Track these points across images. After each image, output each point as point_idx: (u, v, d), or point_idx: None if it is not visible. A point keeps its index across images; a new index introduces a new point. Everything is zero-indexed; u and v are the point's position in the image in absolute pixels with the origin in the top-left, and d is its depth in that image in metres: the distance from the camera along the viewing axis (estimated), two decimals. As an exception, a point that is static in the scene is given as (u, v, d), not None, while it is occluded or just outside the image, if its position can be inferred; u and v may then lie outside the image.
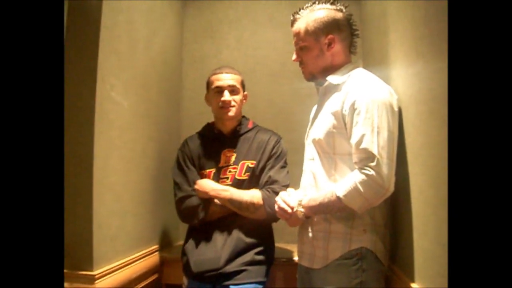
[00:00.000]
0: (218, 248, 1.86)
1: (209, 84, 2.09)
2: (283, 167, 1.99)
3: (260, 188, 1.94)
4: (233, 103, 2.02)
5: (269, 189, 1.91)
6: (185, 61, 2.81)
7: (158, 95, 2.30)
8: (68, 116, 1.59)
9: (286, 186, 1.90)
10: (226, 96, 2.01)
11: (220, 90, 2.03)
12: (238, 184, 1.97)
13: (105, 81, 1.66)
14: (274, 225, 2.06)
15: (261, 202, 1.88)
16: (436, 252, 1.17)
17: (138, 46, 2.01)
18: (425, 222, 1.28)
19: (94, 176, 1.59)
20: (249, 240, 1.90)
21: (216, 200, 1.93)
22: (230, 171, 1.99)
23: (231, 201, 1.91)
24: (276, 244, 2.06)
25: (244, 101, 2.13)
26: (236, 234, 1.90)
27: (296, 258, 1.70)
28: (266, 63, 2.74)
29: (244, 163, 2.00)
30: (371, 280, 1.46)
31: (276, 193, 1.85)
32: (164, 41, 2.41)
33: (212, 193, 1.93)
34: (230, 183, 1.97)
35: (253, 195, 1.91)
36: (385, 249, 1.53)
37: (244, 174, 1.98)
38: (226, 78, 2.04)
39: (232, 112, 2.02)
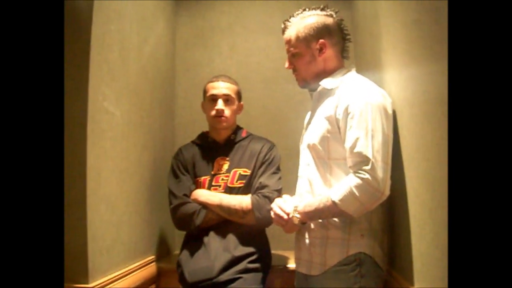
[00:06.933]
0: (212, 258, 1.84)
1: (205, 91, 2.11)
2: (274, 173, 1.99)
3: (252, 194, 1.94)
4: (226, 112, 2.02)
5: (259, 194, 1.91)
6: (178, 69, 2.80)
7: (151, 104, 2.29)
8: (60, 127, 1.58)
9: (278, 191, 1.90)
10: (220, 105, 2.01)
11: (214, 98, 2.04)
12: (230, 192, 1.97)
13: (97, 91, 1.64)
14: (270, 232, 2.05)
15: (249, 207, 1.88)
16: (434, 255, 1.17)
17: (130, 55, 1.99)
18: (422, 226, 1.28)
19: (87, 187, 1.57)
20: (243, 248, 1.89)
21: None
22: (222, 179, 1.99)
23: (220, 206, 1.91)
24: (273, 251, 2.06)
25: (239, 111, 2.13)
26: (230, 242, 1.89)
27: (293, 265, 1.68)
28: (259, 70, 2.74)
29: (236, 171, 2.00)
30: (370, 285, 1.45)
31: (266, 197, 1.86)
32: (156, 49, 2.40)
33: (201, 198, 1.94)
34: (222, 190, 1.97)
35: (242, 200, 1.91)
36: (384, 254, 1.52)
37: (237, 182, 1.98)
38: (221, 87, 2.05)
39: (224, 124, 2.03)
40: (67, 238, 1.54)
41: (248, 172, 1.99)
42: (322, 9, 1.66)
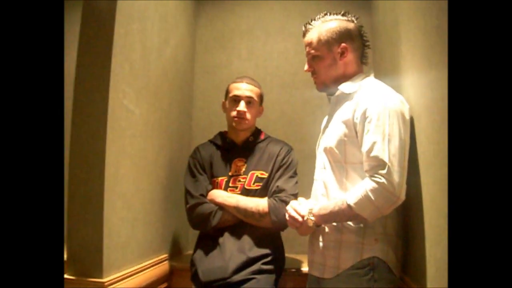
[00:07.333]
0: (226, 258, 1.85)
1: (227, 91, 2.12)
2: (291, 177, 1.99)
3: (268, 198, 1.94)
4: (247, 115, 2.03)
5: (276, 198, 1.91)
6: (197, 71, 2.83)
7: (169, 104, 2.31)
8: (80, 123, 1.60)
9: (294, 195, 1.89)
10: (241, 106, 2.02)
11: (237, 99, 2.04)
12: (247, 194, 1.97)
13: (117, 89, 1.67)
14: (284, 235, 2.05)
15: (266, 210, 1.88)
16: (449, 262, 1.16)
17: (151, 55, 2.02)
18: (438, 232, 1.27)
19: (105, 183, 1.59)
20: (258, 250, 1.89)
21: None
22: (239, 181, 2.00)
23: (237, 208, 1.91)
24: (286, 255, 2.05)
25: (259, 114, 2.14)
26: (245, 244, 1.89)
27: (306, 268, 1.68)
28: (277, 74, 2.75)
29: (254, 173, 2.00)
30: (382, 290, 1.45)
31: (283, 202, 1.86)
32: (176, 50, 2.43)
33: (218, 199, 1.94)
34: (239, 192, 1.98)
35: (258, 203, 1.92)
36: (397, 259, 1.51)
37: (254, 184, 1.99)
38: (244, 88, 2.06)
39: (244, 125, 2.04)
40: (84, 233, 1.58)
41: (266, 174, 2.00)
42: (343, 14, 1.67)
